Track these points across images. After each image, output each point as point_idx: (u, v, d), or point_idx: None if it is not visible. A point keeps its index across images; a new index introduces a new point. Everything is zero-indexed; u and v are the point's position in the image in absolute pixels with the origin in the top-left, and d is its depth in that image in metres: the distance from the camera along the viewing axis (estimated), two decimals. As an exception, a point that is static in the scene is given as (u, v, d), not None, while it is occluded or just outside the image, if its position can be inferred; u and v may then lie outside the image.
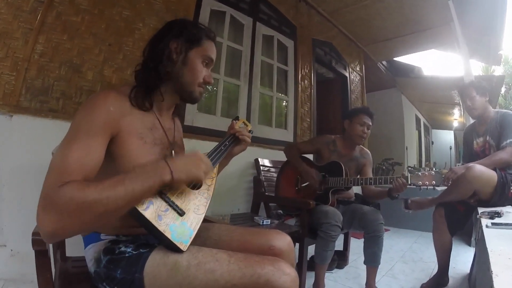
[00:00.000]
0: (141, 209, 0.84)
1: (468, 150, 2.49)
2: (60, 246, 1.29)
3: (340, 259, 2.73)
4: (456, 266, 2.74)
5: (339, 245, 2.47)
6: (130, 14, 2.28)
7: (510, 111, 2.24)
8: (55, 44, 1.92)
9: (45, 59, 1.88)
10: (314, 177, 2.26)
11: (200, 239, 1.07)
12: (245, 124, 1.32)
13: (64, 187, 0.73)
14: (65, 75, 1.95)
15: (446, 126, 12.47)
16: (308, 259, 2.23)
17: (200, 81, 1.07)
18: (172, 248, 0.87)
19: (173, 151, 1.09)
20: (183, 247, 0.87)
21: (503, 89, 12.24)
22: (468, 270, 2.61)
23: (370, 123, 2.37)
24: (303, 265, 2.06)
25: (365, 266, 2.19)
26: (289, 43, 3.83)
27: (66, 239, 1.28)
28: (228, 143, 1.20)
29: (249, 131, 1.29)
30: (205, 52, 1.08)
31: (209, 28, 1.12)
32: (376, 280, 2.21)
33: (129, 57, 2.24)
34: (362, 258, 2.20)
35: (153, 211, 0.85)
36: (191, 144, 2.39)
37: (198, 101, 1.12)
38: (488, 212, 1.65)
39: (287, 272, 0.88)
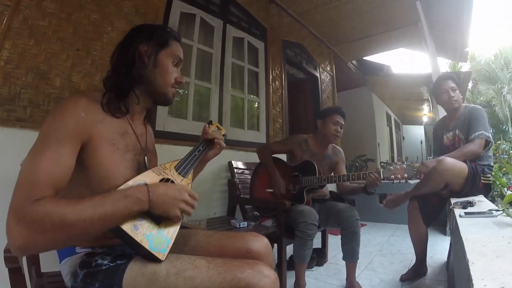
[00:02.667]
0: None
1: (438, 145, 2.56)
2: (34, 262, 1.24)
3: (319, 257, 2.75)
4: (434, 256, 2.82)
5: (317, 242, 2.48)
6: (98, 18, 2.20)
7: (477, 106, 2.33)
8: (22, 50, 1.81)
9: (11, 65, 1.77)
10: (279, 187, 2.29)
11: (178, 247, 1.06)
12: (218, 128, 1.31)
13: (39, 203, 0.71)
14: (32, 82, 1.84)
15: (416, 122, 12.95)
16: (287, 258, 2.23)
17: (172, 82, 1.07)
18: (150, 258, 0.86)
19: (145, 157, 1.07)
20: (161, 256, 0.87)
21: (470, 85, 12.76)
22: (445, 259, 2.70)
23: (343, 122, 2.42)
24: (282, 265, 2.05)
25: (344, 262, 2.21)
26: (259, 45, 3.83)
27: (40, 254, 1.24)
28: (202, 148, 1.19)
29: (223, 135, 1.29)
30: (174, 53, 1.08)
31: (175, 30, 1.12)
32: (356, 274, 2.24)
33: (98, 62, 2.15)
34: (341, 254, 2.22)
35: (129, 221, 0.84)
36: (163, 150, 2.33)
37: (172, 102, 1.12)
38: (460, 202, 1.68)
39: (266, 275, 0.88)
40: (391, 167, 1.98)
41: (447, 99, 2.33)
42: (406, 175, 1.93)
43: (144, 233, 0.85)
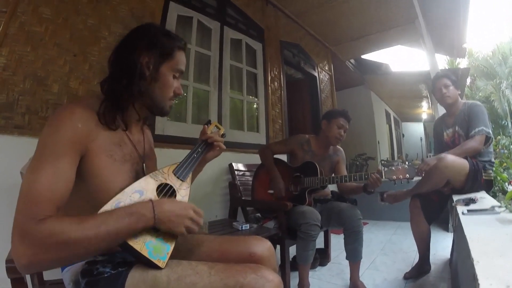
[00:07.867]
0: None
1: (438, 142, 2.56)
2: (37, 271, 1.24)
3: (322, 257, 2.75)
4: (437, 253, 2.81)
5: (320, 242, 2.47)
6: (94, 22, 2.19)
7: (477, 102, 2.33)
8: (19, 56, 1.81)
9: (8, 72, 1.76)
10: (279, 187, 2.29)
11: (179, 252, 1.04)
12: (217, 127, 1.26)
13: (44, 223, 0.70)
14: (29, 89, 1.84)
15: (416, 119, 12.94)
16: (290, 259, 2.22)
17: (171, 95, 1.03)
18: (150, 265, 0.85)
19: (143, 165, 1.05)
20: (161, 264, 0.85)
21: (468, 81, 12.75)
22: (448, 256, 2.68)
23: (347, 127, 2.41)
24: (286, 267, 2.05)
25: (347, 261, 2.20)
26: (257, 46, 3.83)
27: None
28: (201, 150, 1.15)
29: (222, 135, 1.24)
30: (177, 66, 1.02)
31: (179, 37, 1.06)
32: (360, 274, 2.23)
33: (96, 67, 2.14)
34: (344, 254, 2.21)
35: None
36: (163, 154, 2.32)
37: (168, 114, 1.09)
38: (463, 199, 1.67)
39: (270, 279, 0.87)
40: (393, 168, 1.97)
41: (440, 97, 2.38)
42: (407, 175, 1.93)
43: (143, 241, 0.84)
